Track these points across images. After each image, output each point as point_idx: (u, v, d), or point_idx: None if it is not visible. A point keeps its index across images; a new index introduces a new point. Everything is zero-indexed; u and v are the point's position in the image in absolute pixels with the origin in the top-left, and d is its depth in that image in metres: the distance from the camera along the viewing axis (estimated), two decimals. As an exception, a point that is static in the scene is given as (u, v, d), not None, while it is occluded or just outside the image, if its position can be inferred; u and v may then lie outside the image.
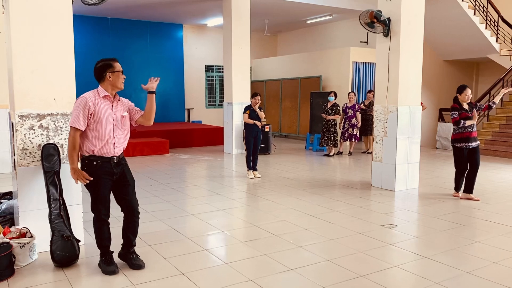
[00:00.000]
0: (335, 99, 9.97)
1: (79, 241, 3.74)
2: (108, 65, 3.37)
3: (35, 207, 3.81)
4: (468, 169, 5.96)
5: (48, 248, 3.63)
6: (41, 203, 3.79)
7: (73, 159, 3.30)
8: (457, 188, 6.12)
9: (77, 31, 9.10)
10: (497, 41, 11.56)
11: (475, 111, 5.89)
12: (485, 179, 7.37)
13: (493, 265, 3.68)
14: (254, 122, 7.37)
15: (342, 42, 13.94)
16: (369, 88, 12.12)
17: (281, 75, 14.48)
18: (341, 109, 10.16)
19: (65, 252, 3.53)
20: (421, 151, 6.94)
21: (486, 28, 11.37)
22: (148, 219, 4.88)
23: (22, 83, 3.73)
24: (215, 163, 9.21)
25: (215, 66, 15.60)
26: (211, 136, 12.27)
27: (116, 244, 3.62)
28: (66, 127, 3.89)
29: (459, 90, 5.90)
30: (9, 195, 4.81)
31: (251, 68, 12.19)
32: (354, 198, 6.04)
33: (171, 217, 5.06)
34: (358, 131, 10.25)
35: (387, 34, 6.40)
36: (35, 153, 3.79)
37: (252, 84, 13.80)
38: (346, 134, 10.24)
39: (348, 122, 10.17)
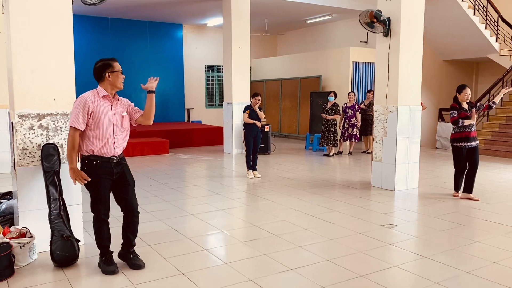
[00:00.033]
0: (335, 99, 9.98)
1: (79, 241, 3.74)
2: (108, 65, 3.37)
3: (35, 207, 3.81)
4: (467, 168, 5.97)
5: (48, 248, 3.63)
6: (40, 203, 3.79)
7: (72, 159, 3.30)
8: (456, 188, 6.13)
9: (77, 31, 9.10)
10: (496, 41, 11.56)
11: (474, 110, 5.90)
12: (485, 179, 7.38)
13: (493, 265, 3.68)
14: (254, 122, 7.37)
15: (342, 42, 13.95)
16: (369, 88, 12.13)
17: (281, 75, 14.48)
18: (341, 109, 10.16)
19: (65, 252, 3.53)
20: (421, 151, 6.94)
21: (486, 28, 11.37)
22: (148, 219, 4.88)
23: (22, 83, 3.73)
24: (215, 163, 9.21)
25: (215, 66, 15.60)
26: (211, 136, 12.27)
27: (116, 244, 3.62)
28: (66, 127, 3.89)
29: (458, 89, 5.91)
30: (8, 195, 4.81)
31: (251, 68, 12.18)
32: (354, 198, 6.04)
33: (171, 217, 5.06)
34: (358, 131, 10.26)
35: (387, 34, 6.40)
36: (35, 153, 3.79)
37: (252, 84, 13.80)
38: (346, 134, 10.24)
39: (348, 122, 10.17)
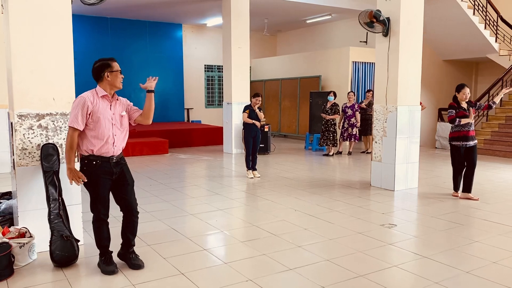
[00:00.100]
0: (334, 99, 9.99)
1: (78, 241, 3.74)
2: (106, 64, 3.36)
3: (34, 207, 3.80)
4: (465, 168, 5.97)
5: (47, 248, 3.63)
6: (40, 203, 3.79)
7: (70, 159, 3.30)
8: (455, 187, 6.13)
9: (77, 31, 9.11)
10: (496, 41, 11.56)
11: (472, 109, 5.89)
12: (484, 178, 7.38)
13: (492, 264, 3.68)
14: (253, 122, 7.37)
15: (341, 42, 13.95)
16: (368, 88, 12.13)
17: (281, 75, 14.48)
18: (340, 109, 10.17)
19: (64, 252, 3.53)
20: (420, 150, 6.94)
21: (485, 28, 11.37)
22: (147, 219, 4.88)
23: (22, 83, 3.73)
24: (215, 163, 9.21)
25: (215, 66, 15.60)
26: (211, 136, 12.27)
27: (115, 244, 3.62)
28: (65, 127, 3.89)
29: (457, 89, 5.92)
30: (8, 195, 4.81)
31: (250, 68, 12.18)
32: (354, 198, 6.04)
33: (170, 217, 5.06)
34: (358, 130, 10.26)
35: (386, 34, 6.41)
36: (34, 153, 3.79)
37: (252, 84, 13.80)
38: (346, 133, 10.24)
39: (347, 121, 10.18)
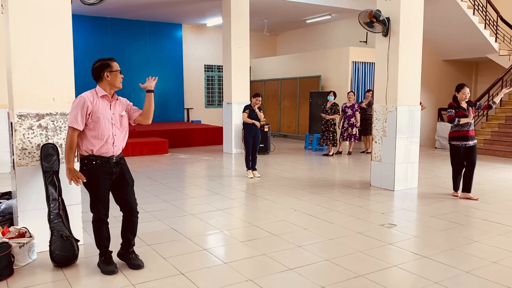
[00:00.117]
0: (334, 99, 9.98)
1: (78, 241, 3.74)
2: (106, 64, 3.36)
3: (34, 207, 3.80)
4: (464, 167, 5.97)
5: (47, 248, 3.63)
6: (40, 203, 3.79)
7: (69, 159, 3.30)
8: (455, 187, 6.13)
9: (76, 30, 9.11)
10: (496, 41, 11.56)
11: (472, 109, 5.89)
12: (484, 178, 7.39)
13: (492, 264, 3.68)
14: (253, 122, 7.37)
15: (341, 42, 13.95)
16: (368, 88, 12.13)
17: (281, 75, 14.48)
18: (340, 109, 10.17)
19: (64, 252, 3.53)
20: (420, 150, 6.94)
21: (485, 27, 11.37)
22: (147, 219, 4.88)
23: (21, 83, 3.73)
24: (215, 162, 9.21)
25: (215, 65, 15.60)
26: (211, 136, 12.27)
27: (115, 243, 3.62)
28: (65, 127, 3.89)
29: (457, 88, 5.93)
30: (8, 195, 4.81)
31: (250, 67, 12.18)
32: (353, 197, 6.04)
33: (170, 217, 5.06)
34: (358, 130, 10.26)
35: (386, 33, 6.41)
36: (34, 153, 3.79)
37: (252, 84, 13.80)
38: (346, 133, 10.24)
39: (347, 121, 10.18)
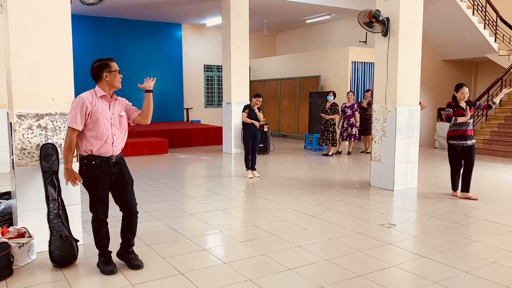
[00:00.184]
0: (334, 99, 9.99)
1: (77, 241, 3.74)
2: (105, 64, 3.37)
3: (34, 207, 3.80)
4: (462, 167, 5.97)
5: (46, 248, 3.63)
6: (39, 203, 3.79)
7: (68, 159, 3.30)
8: (454, 187, 6.13)
9: (76, 31, 9.09)
10: (495, 41, 11.56)
11: (471, 109, 5.88)
12: (483, 178, 7.39)
13: (492, 264, 3.68)
14: (252, 121, 7.37)
15: (341, 42, 13.95)
16: (367, 88, 12.13)
17: (280, 75, 14.48)
18: (340, 109, 10.17)
19: (63, 252, 3.53)
20: (419, 150, 6.95)
21: (484, 27, 11.37)
22: (146, 219, 4.88)
23: (21, 83, 3.73)
24: (214, 162, 9.21)
25: (214, 65, 15.60)
26: (210, 136, 12.27)
27: (114, 243, 3.62)
28: (64, 127, 3.89)
29: (456, 88, 5.93)
30: (7, 195, 4.80)
31: (250, 67, 12.19)
32: (353, 197, 6.04)
33: (169, 217, 5.06)
34: (357, 130, 10.26)
35: (385, 33, 6.41)
36: (34, 153, 3.79)
37: (251, 84, 13.80)
38: (345, 133, 10.24)
39: (347, 121, 10.18)
